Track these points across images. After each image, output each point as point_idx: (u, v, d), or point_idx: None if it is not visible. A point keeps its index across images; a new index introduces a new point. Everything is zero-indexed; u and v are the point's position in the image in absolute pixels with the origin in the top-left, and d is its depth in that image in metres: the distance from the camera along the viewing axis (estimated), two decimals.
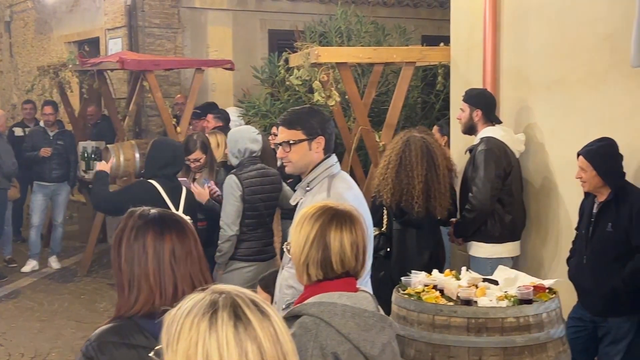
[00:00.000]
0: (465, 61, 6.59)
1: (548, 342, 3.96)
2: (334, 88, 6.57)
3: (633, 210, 4.71)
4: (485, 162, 5.56)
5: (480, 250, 5.72)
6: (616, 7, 5.18)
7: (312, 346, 2.59)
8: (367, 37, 8.45)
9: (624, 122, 5.18)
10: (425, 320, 3.98)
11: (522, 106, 6.04)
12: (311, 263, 2.74)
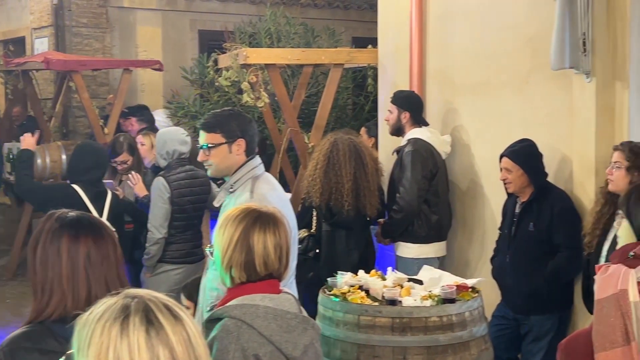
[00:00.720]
0: (392, 63, 6.66)
1: (471, 341, 4.03)
2: (263, 89, 6.58)
3: (554, 210, 4.83)
4: (412, 164, 5.62)
5: (407, 251, 5.78)
6: (537, 11, 5.29)
7: (233, 348, 2.60)
8: (296, 38, 8.47)
9: (546, 124, 5.30)
10: (350, 320, 4.01)
11: (447, 108, 6.13)
12: (234, 265, 2.74)
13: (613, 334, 2.67)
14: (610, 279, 2.74)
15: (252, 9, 10.52)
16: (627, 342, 2.65)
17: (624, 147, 4.34)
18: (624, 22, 4.81)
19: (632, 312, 2.65)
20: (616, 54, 4.86)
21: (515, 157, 4.93)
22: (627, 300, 2.66)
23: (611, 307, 2.69)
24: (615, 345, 2.67)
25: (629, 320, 2.64)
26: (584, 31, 4.75)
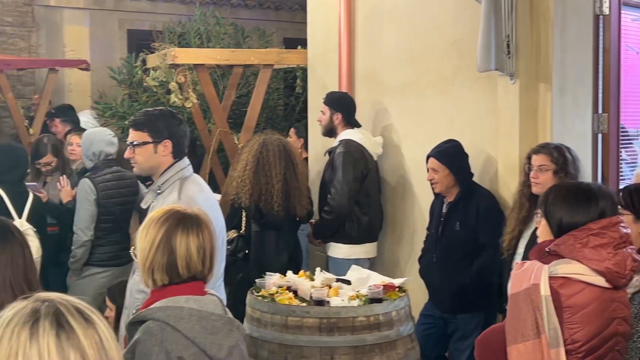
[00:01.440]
0: (322, 64, 6.68)
1: (398, 340, 4.06)
2: (191, 90, 6.53)
3: (479, 209, 4.90)
4: (344, 165, 5.65)
5: (338, 251, 5.81)
6: (462, 13, 5.37)
7: (157, 351, 2.57)
8: (226, 38, 8.42)
9: (471, 125, 5.37)
10: (278, 321, 4.01)
11: (377, 109, 6.17)
12: (156, 268, 2.72)
13: (525, 328, 2.73)
14: (524, 274, 2.80)
15: (181, 9, 10.42)
16: (538, 335, 2.71)
17: (548, 149, 4.40)
18: (547, 24, 4.91)
19: (543, 306, 2.70)
20: (539, 56, 4.96)
21: (441, 157, 4.99)
22: (538, 295, 2.71)
23: (523, 302, 2.75)
24: (526, 338, 2.72)
25: (540, 314, 2.70)
26: (508, 34, 4.83)
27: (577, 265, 2.76)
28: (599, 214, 2.82)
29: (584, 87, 5.10)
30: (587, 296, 2.75)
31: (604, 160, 5.17)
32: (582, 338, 2.73)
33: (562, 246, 2.80)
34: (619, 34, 5.26)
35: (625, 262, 2.78)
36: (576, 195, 2.87)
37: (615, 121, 5.21)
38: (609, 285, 2.78)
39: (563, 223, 2.85)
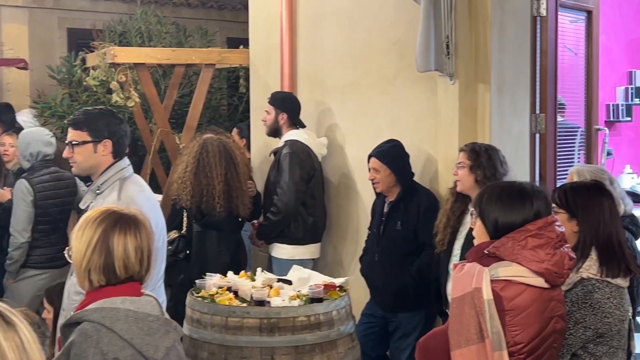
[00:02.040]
0: (264, 64, 6.66)
1: (338, 339, 4.07)
2: (132, 89, 6.45)
3: (420, 209, 4.94)
4: (290, 166, 5.63)
5: (282, 252, 5.78)
6: (403, 14, 5.40)
7: (92, 352, 2.53)
8: (168, 38, 8.33)
9: (412, 125, 5.41)
10: (218, 322, 3.99)
11: (319, 109, 6.18)
12: (93, 269, 2.68)
13: (468, 332, 2.75)
14: (465, 278, 2.81)
15: (123, 8, 10.27)
16: (482, 339, 2.72)
17: (467, 147, 4.48)
18: (486, 26, 4.97)
19: (485, 309, 2.72)
20: (478, 57, 5.01)
21: (382, 157, 5.01)
22: (481, 299, 2.73)
23: (466, 306, 2.76)
24: (470, 342, 2.74)
25: (483, 318, 2.72)
26: (447, 34, 4.87)
27: (517, 268, 2.79)
28: (534, 213, 2.85)
29: (521, 88, 5.17)
30: (527, 298, 2.78)
31: (542, 160, 5.24)
32: (524, 339, 2.76)
33: (502, 248, 2.82)
34: (556, 35, 5.34)
35: (563, 261, 2.82)
36: (510, 195, 2.90)
37: (552, 121, 5.29)
38: (547, 285, 2.82)
39: (499, 223, 2.87)
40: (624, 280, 3.16)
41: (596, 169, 4.57)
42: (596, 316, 3.05)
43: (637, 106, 8.89)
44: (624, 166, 8.52)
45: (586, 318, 3.05)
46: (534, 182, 5.11)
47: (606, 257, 3.14)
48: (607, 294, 3.09)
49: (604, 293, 3.08)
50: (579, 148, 6.54)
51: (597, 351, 3.09)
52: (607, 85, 8.57)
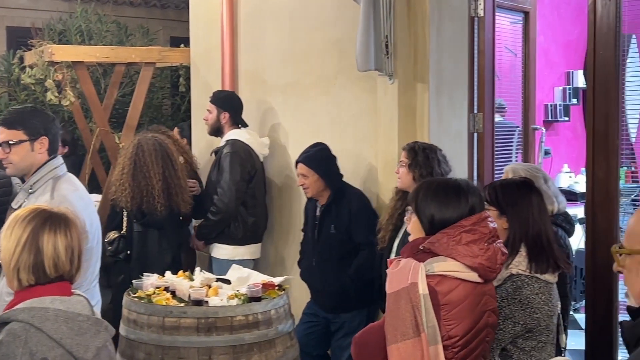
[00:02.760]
0: (205, 63, 6.62)
1: (276, 338, 4.05)
2: (69, 88, 6.37)
3: (352, 210, 4.95)
4: (231, 165, 5.60)
5: (222, 252, 5.75)
6: (343, 14, 5.41)
7: (20, 352, 2.49)
8: (109, 36, 8.24)
9: (352, 124, 5.43)
10: (155, 322, 3.94)
11: (260, 109, 6.16)
12: (22, 268, 2.64)
13: (404, 326, 2.77)
14: (401, 273, 2.84)
15: (63, 6, 10.13)
16: (417, 333, 2.75)
17: (407, 146, 4.52)
18: (424, 26, 5.01)
19: (421, 304, 2.75)
20: (417, 57, 5.05)
21: (309, 162, 5.02)
22: (417, 293, 2.76)
23: (402, 300, 2.79)
24: (406, 337, 2.76)
25: (419, 313, 2.75)
26: (387, 34, 4.90)
27: (452, 263, 2.83)
28: (469, 209, 2.89)
29: (460, 88, 5.22)
30: (461, 292, 2.82)
31: (480, 159, 5.31)
32: (458, 333, 2.80)
33: (437, 244, 2.86)
34: (493, 35, 5.41)
35: (496, 256, 2.87)
36: (446, 192, 2.94)
37: (490, 121, 5.35)
38: (481, 280, 2.86)
39: (435, 219, 2.90)
40: (553, 276, 3.22)
41: (531, 167, 4.64)
42: (525, 311, 3.10)
43: (574, 106, 9.06)
44: (562, 165, 8.67)
45: (515, 313, 3.10)
46: (472, 180, 5.16)
47: (535, 254, 3.19)
48: (535, 290, 3.14)
49: (533, 289, 3.14)
50: (517, 147, 6.64)
51: (526, 346, 3.14)
52: (546, 86, 8.71)
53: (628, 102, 6.36)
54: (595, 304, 4.74)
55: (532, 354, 3.14)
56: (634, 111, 6.60)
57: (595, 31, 4.63)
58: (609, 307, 4.67)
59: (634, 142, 6.72)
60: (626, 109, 6.08)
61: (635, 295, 1.96)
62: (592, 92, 4.69)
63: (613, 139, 4.64)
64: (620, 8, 4.58)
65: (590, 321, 4.80)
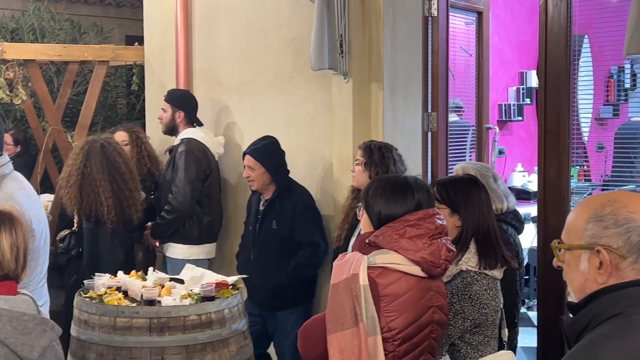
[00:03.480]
0: (159, 61, 6.57)
1: (230, 337, 4.03)
2: (21, 86, 6.28)
3: (296, 208, 4.94)
4: (186, 164, 5.56)
5: (177, 252, 5.70)
6: (298, 13, 5.41)
7: None
8: (62, 34, 8.15)
9: (308, 123, 5.43)
10: (106, 323, 3.90)
11: (215, 108, 6.12)
12: None
13: (343, 317, 2.79)
14: (344, 265, 2.86)
15: (16, 4, 9.98)
16: (356, 323, 2.77)
17: (363, 145, 4.54)
18: (378, 25, 5.03)
19: (361, 295, 2.77)
20: (371, 56, 5.06)
21: (256, 154, 5.00)
22: (357, 284, 2.78)
23: (343, 291, 2.80)
24: (345, 327, 2.78)
25: (358, 303, 2.76)
26: (341, 33, 4.91)
27: (394, 256, 2.85)
28: (415, 205, 2.91)
29: (414, 87, 5.25)
30: (403, 285, 2.83)
31: (434, 157, 5.34)
32: (398, 326, 2.81)
33: (381, 237, 2.88)
34: (447, 35, 5.45)
35: (440, 251, 2.88)
36: (393, 188, 2.96)
37: (444, 120, 5.39)
38: (424, 274, 2.88)
39: (382, 215, 2.93)
40: (499, 272, 3.26)
41: (481, 165, 4.68)
42: (474, 307, 3.13)
43: (528, 106, 9.15)
44: (515, 164, 8.75)
45: (465, 309, 3.12)
46: (426, 178, 5.20)
47: (484, 250, 3.22)
48: (484, 286, 3.17)
49: (482, 285, 3.17)
50: (471, 146, 6.70)
51: (473, 340, 3.17)
52: (500, 86, 8.79)
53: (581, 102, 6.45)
54: (547, 301, 4.80)
55: (478, 349, 3.18)
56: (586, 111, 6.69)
57: (547, 31, 4.69)
58: (560, 303, 4.73)
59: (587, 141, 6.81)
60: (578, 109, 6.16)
61: (575, 290, 1.98)
62: (544, 91, 4.75)
63: (564, 138, 4.70)
64: (571, 8, 4.65)
65: (541, 318, 4.86)
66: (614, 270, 1.90)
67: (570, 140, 4.74)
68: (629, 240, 1.88)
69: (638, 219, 1.89)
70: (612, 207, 1.92)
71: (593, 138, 6.91)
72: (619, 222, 1.90)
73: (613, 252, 1.89)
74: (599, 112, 7.45)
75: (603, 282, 1.91)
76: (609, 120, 7.51)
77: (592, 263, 1.93)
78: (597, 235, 1.92)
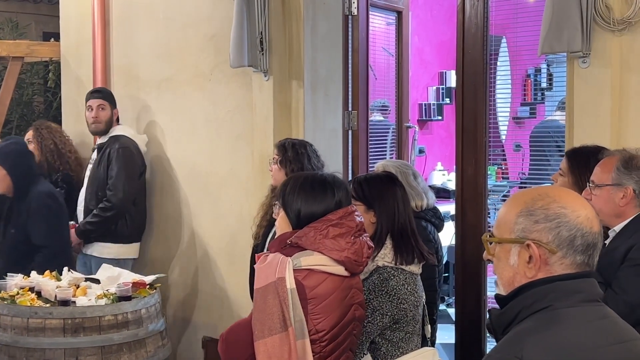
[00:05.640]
0: (75, 58, 6.43)
1: (147, 338, 3.99)
2: None
3: (30, 209, 4.85)
4: (125, 161, 5.46)
5: (106, 251, 5.53)
6: (218, 10, 5.36)
7: None
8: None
9: (228, 121, 5.38)
10: (19, 324, 3.82)
11: (134, 105, 6.02)
12: None
13: (271, 321, 2.75)
14: (268, 268, 2.82)
15: None
16: (285, 328, 2.73)
17: (278, 143, 4.51)
18: (299, 23, 5.02)
19: (289, 299, 2.74)
20: (292, 54, 5.05)
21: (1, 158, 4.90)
22: (284, 288, 2.74)
23: (270, 296, 2.76)
24: (273, 332, 2.74)
25: (286, 307, 2.73)
26: (261, 31, 4.89)
27: (319, 257, 2.82)
28: (336, 203, 2.90)
29: (334, 85, 5.25)
30: (329, 286, 2.82)
31: (354, 156, 5.36)
32: (325, 327, 2.80)
33: (304, 238, 2.84)
34: (367, 34, 5.47)
35: (362, 249, 2.88)
36: (312, 186, 2.93)
37: (364, 118, 5.41)
38: (347, 273, 2.87)
39: (301, 213, 2.90)
40: (417, 267, 3.27)
41: (401, 163, 4.71)
42: (392, 303, 3.13)
43: (447, 105, 9.28)
44: (435, 163, 8.86)
45: (383, 305, 3.13)
46: (346, 177, 5.21)
47: (400, 246, 3.23)
48: (401, 281, 3.18)
49: (399, 280, 3.17)
50: (391, 145, 6.75)
51: (394, 337, 3.18)
52: (420, 85, 8.89)
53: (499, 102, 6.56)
54: (465, 297, 4.86)
55: (399, 345, 3.18)
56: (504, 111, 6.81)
57: (464, 31, 4.75)
58: (478, 300, 4.80)
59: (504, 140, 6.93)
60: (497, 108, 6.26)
61: (504, 283, 1.98)
62: (461, 90, 4.81)
63: (481, 136, 4.77)
64: (487, 8, 4.71)
65: (459, 314, 4.92)
66: (543, 264, 1.90)
67: (488, 139, 4.81)
68: (558, 235, 1.89)
69: (568, 214, 1.90)
70: (543, 202, 1.92)
71: (510, 137, 7.03)
72: (549, 217, 1.90)
73: (543, 246, 1.89)
74: (517, 112, 7.59)
75: (532, 276, 1.91)
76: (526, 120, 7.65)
77: (522, 257, 1.93)
78: (527, 229, 1.92)
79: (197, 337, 5.59)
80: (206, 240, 5.61)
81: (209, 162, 5.53)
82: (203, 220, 5.63)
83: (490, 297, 5.03)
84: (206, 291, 5.61)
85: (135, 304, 3.96)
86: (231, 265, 5.42)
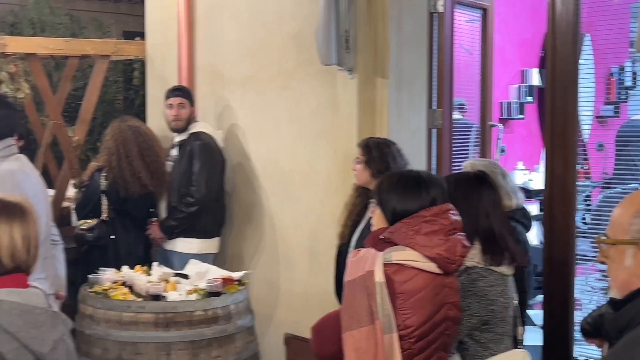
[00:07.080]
0: (160, 57, 6.53)
1: (236, 334, 4.02)
2: (23, 80, 6.23)
3: None
4: (207, 157, 5.56)
5: (188, 246, 5.59)
6: (302, 7, 5.37)
7: None
8: (62, 29, 8.11)
9: (311, 119, 5.39)
10: (112, 317, 3.89)
11: (218, 103, 6.09)
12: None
13: (359, 314, 2.75)
14: (359, 262, 2.83)
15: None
16: (372, 321, 2.74)
17: (362, 143, 4.50)
18: (384, 20, 5.00)
19: (377, 292, 2.74)
20: (377, 52, 5.04)
21: None
22: (373, 281, 2.75)
23: (358, 288, 2.77)
24: (361, 324, 2.75)
25: (374, 300, 2.73)
26: (347, 29, 4.88)
27: (410, 252, 2.81)
28: (430, 201, 2.88)
29: (419, 83, 5.22)
30: (419, 282, 2.80)
31: (438, 154, 5.31)
32: (414, 323, 2.78)
33: (396, 233, 2.84)
34: (452, 31, 5.42)
35: (456, 248, 2.85)
36: (407, 183, 2.93)
37: (448, 117, 5.36)
38: (440, 271, 2.85)
39: (396, 210, 2.89)
40: (508, 269, 3.23)
41: (489, 162, 4.65)
42: (481, 304, 3.10)
43: (529, 104, 9.14)
44: (516, 162, 8.73)
45: (471, 306, 3.10)
46: None
47: (488, 247, 3.20)
48: (491, 282, 3.14)
49: (488, 281, 3.14)
50: (474, 144, 6.67)
51: (482, 338, 3.15)
52: (501, 84, 8.77)
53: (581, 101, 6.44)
54: (552, 299, 4.78)
55: (488, 346, 3.15)
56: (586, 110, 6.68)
57: (555, 28, 4.66)
58: (565, 302, 4.71)
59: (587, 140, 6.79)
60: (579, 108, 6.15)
61: (619, 286, 1.94)
62: (552, 89, 4.72)
63: (571, 136, 4.68)
64: (579, 5, 4.62)
65: (547, 317, 4.83)
66: None
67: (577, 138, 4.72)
68: None
69: None
70: None
71: (594, 137, 6.89)
72: None
73: None
74: (600, 111, 7.43)
75: None
76: (609, 119, 7.49)
77: (638, 258, 1.88)
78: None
79: (279, 333, 5.61)
80: (287, 237, 5.64)
81: (290, 160, 5.55)
82: (284, 217, 5.66)
83: (578, 299, 4.94)
84: (287, 288, 5.63)
85: (224, 299, 4.00)
86: (312, 262, 5.43)
